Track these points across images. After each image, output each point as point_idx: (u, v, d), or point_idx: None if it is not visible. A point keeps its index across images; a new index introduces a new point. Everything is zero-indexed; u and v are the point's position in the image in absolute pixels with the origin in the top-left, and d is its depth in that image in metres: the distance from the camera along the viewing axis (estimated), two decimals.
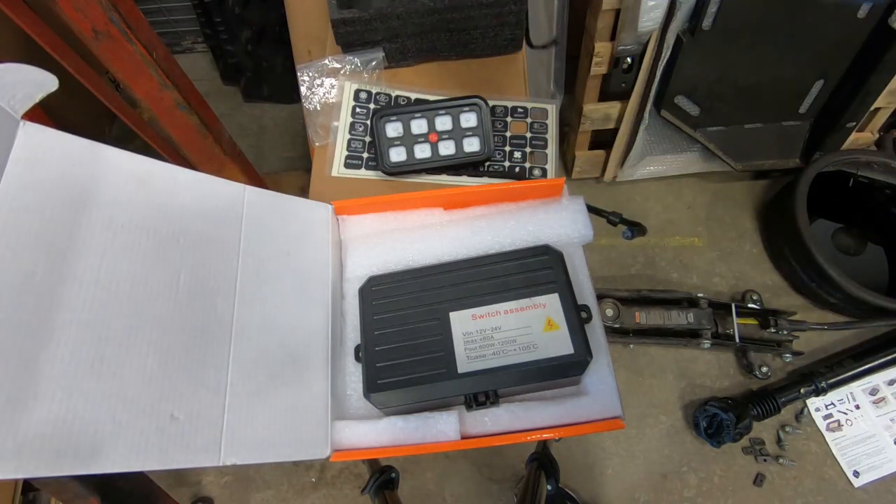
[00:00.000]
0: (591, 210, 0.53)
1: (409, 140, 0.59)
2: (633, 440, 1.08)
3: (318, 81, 0.66)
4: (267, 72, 1.48)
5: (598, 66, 1.04)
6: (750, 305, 1.12)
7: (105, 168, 0.38)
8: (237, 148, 1.07)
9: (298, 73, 0.67)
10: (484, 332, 0.43)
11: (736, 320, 1.06)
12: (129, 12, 0.75)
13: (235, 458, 0.40)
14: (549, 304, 0.43)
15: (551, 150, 0.64)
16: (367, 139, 0.64)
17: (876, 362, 1.07)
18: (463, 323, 0.44)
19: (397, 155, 0.59)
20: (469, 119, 0.59)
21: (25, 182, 0.33)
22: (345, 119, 0.64)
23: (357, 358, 0.47)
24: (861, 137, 1.20)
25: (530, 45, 0.68)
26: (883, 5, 0.90)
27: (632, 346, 1.15)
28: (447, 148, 0.59)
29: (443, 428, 0.42)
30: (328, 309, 0.48)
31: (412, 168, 0.60)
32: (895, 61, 0.96)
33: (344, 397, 0.46)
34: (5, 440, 0.28)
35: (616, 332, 1.08)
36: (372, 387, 0.43)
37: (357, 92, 0.65)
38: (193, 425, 0.41)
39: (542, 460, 0.84)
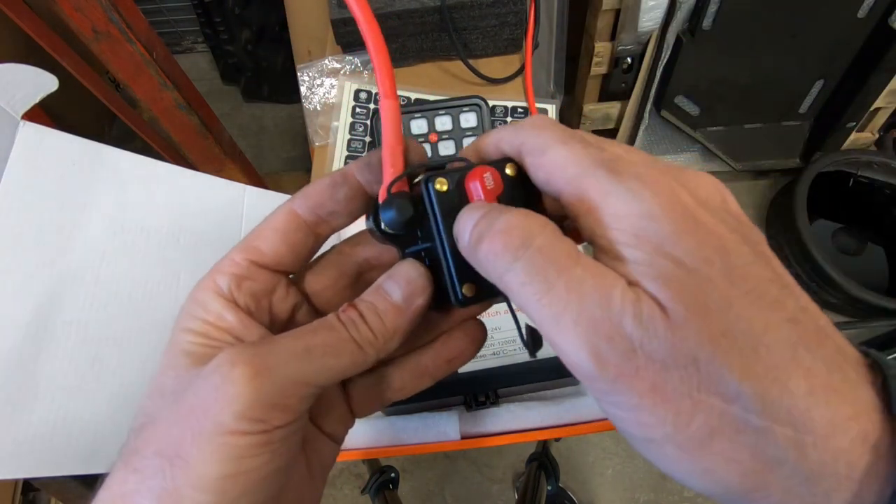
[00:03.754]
0: None
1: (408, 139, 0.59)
2: None
3: (318, 81, 0.66)
4: (267, 72, 1.48)
5: (598, 66, 1.04)
6: None
7: (105, 168, 0.38)
8: (237, 148, 1.07)
9: (298, 73, 0.67)
10: None
11: None
12: (128, 12, 0.75)
13: None
14: None
15: None
16: (367, 139, 0.64)
17: None
18: None
19: None
20: (469, 119, 0.59)
21: (25, 182, 0.33)
22: (345, 119, 0.64)
23: None
24: (861, 137, 1.20)
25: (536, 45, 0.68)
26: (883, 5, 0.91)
27: None
28: (447, 148, 0.59)
29: (443, 428, 0.42)
30: None
31: None
32: (895, 61, 0.96)
33: None
34: (5, 440, 0.28)
35: None
36: None
37: (357, 92, 0.65)
38: None
39: (542, 460, 0.84)
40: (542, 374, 0.42)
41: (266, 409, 0.16)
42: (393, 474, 0.73)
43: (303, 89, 0.66)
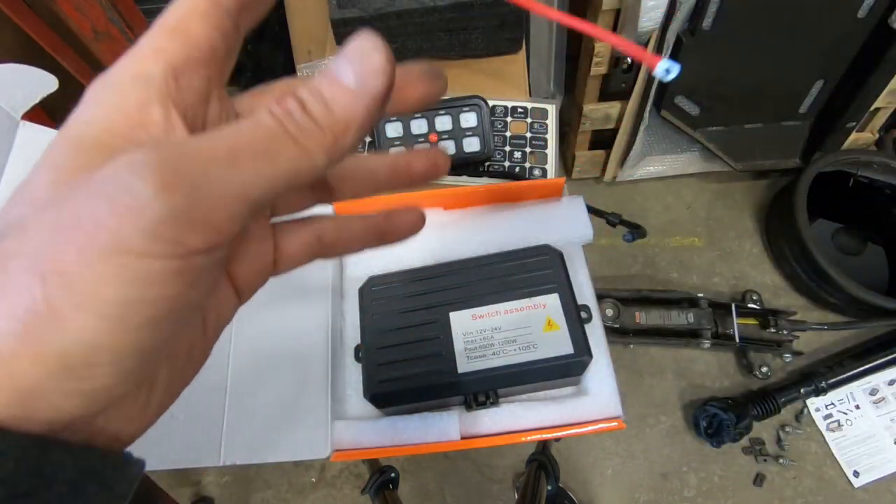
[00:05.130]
0: (591, 211, 0.53)
1: (408, 140, 0.59)
2: (633, 440, 1.08)
3: None
4: (267, 72, 1.48)
5: (598, 66, 1.04)
6: (750, 305, 1.12)
7: None
8: None
9: (298, 73, 0.67)
10: (484, 332, 0.43)
11: (736, 320, 1.06)
12: (128, 12, 0.75)
13: (235, 458, 0.40)
14: (549, 304, 0.43)
15: (551, 150, 0.64)
16: (367, 139, 0.64)
17: (876, 362, 1.07)
18: (463, 323, 0.44)
19: None
20: (469, 119, 0.59)
21: None
22: None
23: (357, 358, 0.47)
24: (861, 137, 1.20)
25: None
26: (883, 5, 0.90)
27: (632, 346, 1.15)
28: (448, 148, 0.59)
29: (443, 428, 0.42)
30: (328, 309, 0.48)
31: None
32: (895, 61, 0.96)
33: (344, 397, 0.46)
34: None
35: (616, 332, 1.08)
36: (372, 387, 0.43)
37: None
38: (193, 425, 0.41)
39: (542, 460, 0.84)
40: (542, 374, 0.42)
41: (183, 228, 0.12)
42: (393, 474, 0.73)
43: None
